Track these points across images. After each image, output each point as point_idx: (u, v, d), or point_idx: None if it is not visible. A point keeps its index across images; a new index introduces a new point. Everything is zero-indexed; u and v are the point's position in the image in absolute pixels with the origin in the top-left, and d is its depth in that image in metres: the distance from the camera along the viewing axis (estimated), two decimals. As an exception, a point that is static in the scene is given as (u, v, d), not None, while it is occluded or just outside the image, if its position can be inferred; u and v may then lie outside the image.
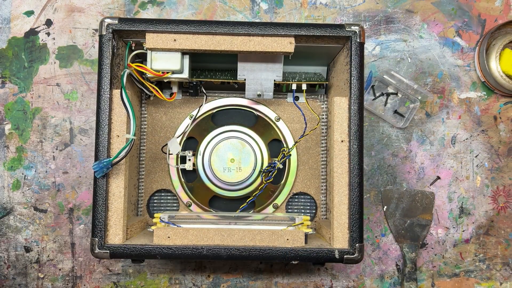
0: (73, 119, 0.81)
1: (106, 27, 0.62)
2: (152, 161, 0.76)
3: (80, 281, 0.79)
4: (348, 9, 0.83)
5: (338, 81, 0.69)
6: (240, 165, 0.73)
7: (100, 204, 0.61)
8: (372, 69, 0.82)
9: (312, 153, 0.77)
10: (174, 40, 0.63)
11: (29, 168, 0.80)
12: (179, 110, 0.76)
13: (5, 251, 0.79)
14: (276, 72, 0.70)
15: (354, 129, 0.63)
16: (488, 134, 0.82)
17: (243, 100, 0.76)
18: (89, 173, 0.80)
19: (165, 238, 0.62)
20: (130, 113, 0.62)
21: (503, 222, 0.82)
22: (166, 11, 0.82)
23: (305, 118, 0.75)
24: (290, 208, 0.77)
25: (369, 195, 0.81)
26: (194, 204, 0.76)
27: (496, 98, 0.83)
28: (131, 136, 0.62)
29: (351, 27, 0.64)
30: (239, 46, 0.63)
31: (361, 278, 0.81)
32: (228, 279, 0.80)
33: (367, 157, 0.82)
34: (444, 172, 0.82)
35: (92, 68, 0.81)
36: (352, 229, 0.62)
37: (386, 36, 0.83)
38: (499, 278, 0.81)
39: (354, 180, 0.62)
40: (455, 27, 0.83)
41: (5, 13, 0.81)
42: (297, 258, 0.62)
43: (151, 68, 0.65)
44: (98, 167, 0.60)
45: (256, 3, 0.83)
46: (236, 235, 0.62)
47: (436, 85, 0.83)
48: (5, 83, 0.80)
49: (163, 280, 0.80)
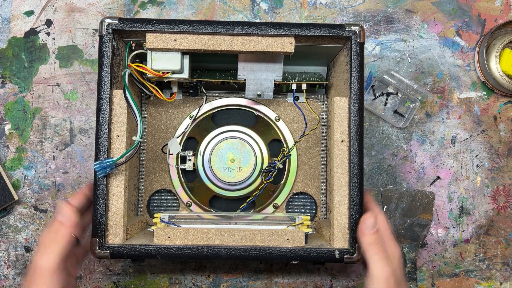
0: (73, 119, 0.81)
1: (106, 27, 0.62)
2: (152, 161, 0.76)
3: (80, 281, 0.79)
4: (348, 9, 0.83)
5: (338, 81, 0.69)
6: (240, 165, 0.73)
7: (100, 204, 0.61)
8: (372, 69, 0.82)
9: (312, 153, 0.77)
10: (174, 40, 0.63)
11: (29, 168, 0.80)
12: (179, 110, 0.76)
13: (5, 251, 0.79)
14: (276, 72, 0.70)
15: (354, 129, 0.63)
16: (488, 134, 0.82)
17: (243, 100, 0.76)
18: (89, 173, 0.80)
19: (165, 238, 0.62)
20: (136, 114, 0.63)
21: (503, 222, 0.82)
22: (166, 11, 0.82)
23: (305, 118, 0.75)
24: (290, 208, 0.77)
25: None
26: (194, 204, 0.76)
27: (496, 98, 0.83)
28: (138, 139, 0.62)
29: (351, 27, 0.64)
30: (239, 46, 0.63)
31: (361, 278, 0.81)
32: (228, 279, 0.80)
33: (367, 157, 0.82)
34: (444, 172, 0.82)
35: (92, 68, 0.81)
36: (352, 229, 0.62)
37: (386, 36, 0.83)
38: (499, 278, 0.81)
39: (354, 180, 0.62)
40: (455, 27, 0.83)
41: (5, 13, 0.81)
42: (297, 258, 0.62)
43: (151, 68, 0.65)
44: (100, 167, 0.60)
45: (256, 3, 0.83)
46: (236, 235, 0.62)
47: (436, 85, 0.83)
48: (5, 83, 0.80)
49: (163, 280, 0.80)
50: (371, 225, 0.60)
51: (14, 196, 0.78)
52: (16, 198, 0.78)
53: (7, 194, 0.77)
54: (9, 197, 0.77)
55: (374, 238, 0.59)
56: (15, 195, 0.78)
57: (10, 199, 0.77)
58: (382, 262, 0.58)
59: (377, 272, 0.58)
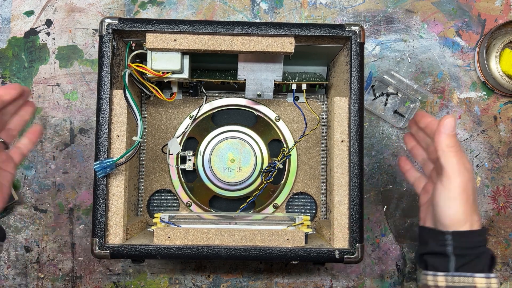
0: (73, 119, 0.81)
1: (106, 27, 0.62)
2: (152, 161, 0.76)
3: (80, 281, 0.79)
4: (348, 9, 0.83)
5: (338, 81, 0.69)
6: (240, 165, 0.73)
7: (100, 204, 0.61)
8: (372, 69, 0.82)
9: (312, 153, 0.77)
10: (174, 40, 0.63)
11: (29, 168, 0.80)
12: (179, 110, 0.76)
13: (5, 251, 0.79)
14: (276, 72, 0.70)
15: (354, 129, 0.63)
16: (488, 134, 0.82)
17: (243, 100, 0.76)
18: (89, 173, 0.80)
19: (165, 238, 0.62)
20: (136, 114, 0.63)
21: (503, 222, 0.82)
22: (166, 11, 0.82)
23: (305, 118, 0.75)
24: (290, 208, 0.77)
25: (369, 195, 0.81)
26: (194, 204, 0.76)
27: (496, 98, 0.83)
28: (138, 139, 0.62)
29: (351, 27, 0.64)
30: (239, 46, 0.63)
31: (361, 278, 0.81)
32: (228, 279, 0.80)
33: (367, 157, 0.82)
34: (444, 172, 0.82)
35: (92, 68, 0.81)
36: (352, 229, 0.62)
37: (386, 36, 0.83)
38: (499, 278, 0.81)
39: (354, 180, 0.62)
40: (455, 27, 0.83)
41: (5, 13, 0.81)
42: (297, 258, 0.62)
43: (151, 68, 0.65)
44: (100, 167, 0.60)
45: (256, 3, 0.83)
46: (236, 235, 0.62)
47: (436, 85, 0.83)
48: (5, 83, 0.80)
49: (163, 280, 0.80)
50: (452, 126, 0.55)
51: (14, 196, 0.78)
52: (16, 198, 0.78)
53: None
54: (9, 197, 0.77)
55: (453, 141, 0.54)
56: (15, 195, 0.78)
57: (10, 199, 0.77)
58: (460, 166, 0.54)
59: (455, 176, 0.54)
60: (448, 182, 0.54)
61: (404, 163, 0.67)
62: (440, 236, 0.56)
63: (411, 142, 0.66)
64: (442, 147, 0.55)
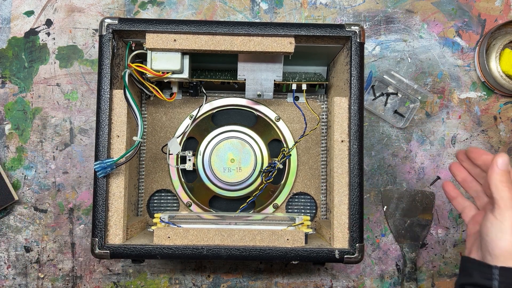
0: (73, 119, 0.81)
1: (106, 27, 0.62)
2: (152, 161, 0.76)
3: (80, 281, 0.79)
4: (348, 9, 0.83)
5: (338, 81, 0.69)
6: (240, 165, 0.73)
7: (100, 204, 0.61)
8: (372, 69, 0.82)
9: (312, 153, 0.77)
10: (174, 40, 0.63)
11: (29, 168, 0.80)
12: (179, 110, 0.76)
13: (5, 251, 0.79)
14: (276, 72, 0.70)
15: (354, 129, 0.63)
16: (488, 134, 0.82)
17: (243, 100, 0.76)
18: (89, 173, 0.80)
19: (165, 238, 0.62)
20: (137, 114, 0.63)
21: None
22: (166, 11, 0.82)
23: (305, 118, 0.75)
24: (290, 208, 0.77)
25: (369, 195, 0.81)
26: (194, 204, 0.76)
27: (496, 98, 0.83)
28: (138, 139, 0.62)
29: (351, 27, 0.64)
30: (239, 46, 0.63)
31: (361, 278, 0.81)
32: (228, 279, 0.80)
33: (367, 157, 0.82)
34: (444, 172, 0.82)
35: (92, 68, 0.81)
36: (352, 229, 0.62)
37: (386, 36, 0.83)
38: None
39: (354, 180, 0.62)
40: (455, 27, 0.83)
41: (5, 13, 0.81)
42: (297, 258, 0.62)
43: (151, 68, 0.65)
44: (100, 167, 0.60)
45: (256, 3, 0.83)
46: (236, 235, 0.62)
47: (436, 85, 0.83)
48: (5, 83, 0.80)
49: (163, 280, 0.80)
50: (505, 163, 0.56)
51: (14, 196, 0.78)
52: (16, 198, 0.78)
53: (7, 194, 0.77)
54: (9, 197, 0.77)
55: (507, 177, 0.56)
56: (15, 195, 0.78)
57: (10, 199, 0.77)
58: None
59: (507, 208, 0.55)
60: (500, 215, 0.55)
61: (450, 189, 0.67)
62: (486, 269, 0.56)
63: (461, 173, 0.66)
64: (496, 182, 0.56)
